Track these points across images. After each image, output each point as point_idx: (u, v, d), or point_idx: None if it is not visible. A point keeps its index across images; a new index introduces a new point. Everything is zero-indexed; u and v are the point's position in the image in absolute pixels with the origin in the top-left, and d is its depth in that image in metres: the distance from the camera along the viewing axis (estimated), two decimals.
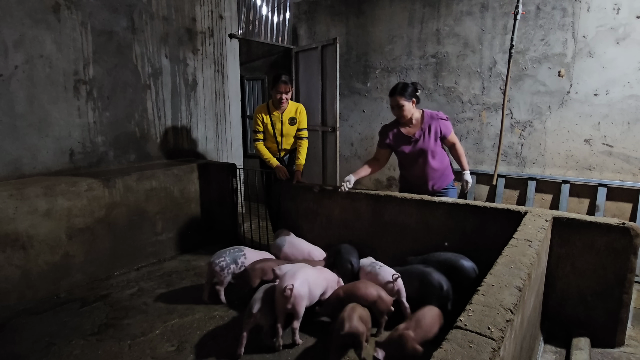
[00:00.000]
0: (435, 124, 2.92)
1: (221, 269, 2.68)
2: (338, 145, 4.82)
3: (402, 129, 3.00)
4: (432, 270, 2.42)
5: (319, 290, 2.37)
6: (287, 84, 3.36)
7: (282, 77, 3.36)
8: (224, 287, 2.72)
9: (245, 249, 2.84)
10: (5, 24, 2.90)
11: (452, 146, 3.01)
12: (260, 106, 3.57)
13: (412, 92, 2.88)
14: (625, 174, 3.72)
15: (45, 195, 2.82)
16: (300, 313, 2.21)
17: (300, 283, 2.20)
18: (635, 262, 2.18)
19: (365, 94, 5.19)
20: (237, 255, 2.76)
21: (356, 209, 3.17)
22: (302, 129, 3.60)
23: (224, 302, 2.72)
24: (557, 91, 3.94)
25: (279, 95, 3.38)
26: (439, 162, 2.98)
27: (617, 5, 3.59)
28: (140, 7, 3.75)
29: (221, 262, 2.70)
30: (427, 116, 2.95)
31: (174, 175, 3.65)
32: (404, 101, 2.86)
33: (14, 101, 2.98)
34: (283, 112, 3.50)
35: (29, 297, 2.77)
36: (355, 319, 2.02)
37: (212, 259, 2.73)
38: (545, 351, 2.25)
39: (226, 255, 2.74)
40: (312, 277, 2.33)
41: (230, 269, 2.70)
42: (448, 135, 2.95)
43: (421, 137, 2.92)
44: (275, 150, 3.61)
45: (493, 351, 1.11)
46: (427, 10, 4.57)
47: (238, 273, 2.71)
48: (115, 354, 2.21)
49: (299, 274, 2.25)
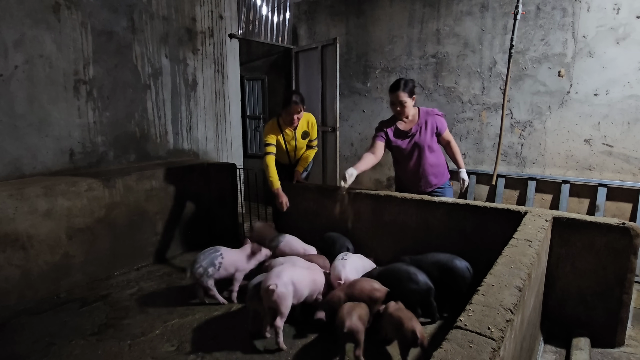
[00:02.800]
0: (432, 119, 2.94)
1: (200, 275, 2.62)
2: (338, 145, 4.83)
3: (399, 125, 3.01)
4: (415, 270, 2.43)
5: (307, 290, 2.33)
6: (298, 104, 3.18)
7: (294, 98, 3.18)
8: (212, 289, 2.66)
9: (221, 248, 2.75)
10: (5, 24, 2.90)
11: (447, 144, 3.03)
12: (271, 126, 3.33)
13: (412, 89, 2.90)
14: (625, 174, 3.72)
15: (45, 195, 2.82)
16: (284, 312, 2.19)
17: (284, 282, 2.18)
18: (635, 262, 2.18)
19: (365, 94, 5.19)
20: (214, 256, 2.67)
21: (356, 209, 3.17)
22: (314, 140, 3.54)
23: (224, 302, 2.71)
24: (557, 91, 3.94)
25: (291, 117, 3.21)
26: (436, 158, 2.99)
27: (617, 5, 3.59)
28: (140, 7, 3.75)
29: (198, 269, 2.62)
30: (422, 112, 2.98)
31: (174, 175, 3.65)
32: (406, 98, 2.87)
33: (14, 101, 2.98)
34: (296, 129, 3.38)
35: (29, 297, 2.77)
36: (355, 317, 2.03)
37: (191, 267, 2.67)
38: (545, 351, 2.25)
39: (201, 260, 2.64)
40: (300, 277, 2.29)
41: (209, 272, 2.62)
42: (443, 132, 2.97)
43: (418, 132, 2.93)
44: (286, 162, 3.58)
45: (493, 351, 1.11)
46: (427, 10, 4.57)
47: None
48: (115, 354, 2.21)
49: (284, 273, 2.23)
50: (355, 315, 2.05)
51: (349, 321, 2.00)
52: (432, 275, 2.41)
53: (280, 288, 2.15)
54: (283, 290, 2.16)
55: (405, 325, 1.95)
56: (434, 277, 2.41)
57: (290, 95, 3.22)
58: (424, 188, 3.03)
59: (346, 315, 2.05)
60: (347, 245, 3.01)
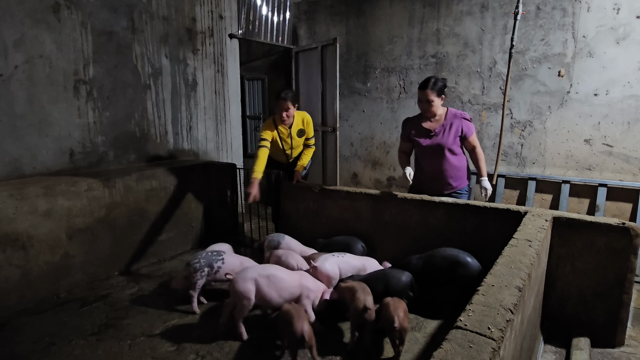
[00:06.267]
0: (458, 122, 2.90)
1: (194, 270, 2.55)
2: (338, 145, 4.82)
3: (423, 124, 2.98)
4: (399, 271, 2.46)
5: (273, 293, 2.25)
6: (286, 100, 3.20)
7: (282, 95, 3.21)
8: (196, 292, 2.58)
9: (224, 253, 2.69)
10: (5, 24, 2.90)
11: (473, 150, 2.97)
12: (267, 123, 3.39)
13: (442, 88, 2.86)
14: (625, 174, 3.72)
15: (45, 195, 2.82)
16: (240, 308, 2.22)
17: (244, 279, 2.19)
18: (635, 262, 2.19)
19: (365, 94, 5.19)
20: (215, 259, 2.61)
21: (356, 209, 3.17)
22: (310, 138, 3.55)
23: (197, 311, 2.59)
24: (557, 91, 3.94)
25: (280, 113, 3.25)
26: (458, 161, 2.95)
27: (617, 5, 3.59)
28: (140, 7, 3.75)
29: (195, 263, 2.56)
30: (450, 114, 2.94)
31: (174, 175, 3.65)
32: (434, 96, 2.83)
33: (14, 101, 2.98)
34: (290, 127, 3.40)
35: (29, 297, 2.77)
36: (402, 315, 2.00)
37: (189, 261, 2.64)
38: (545, 351, 2.25)
39: (201, 257, 2.60)
40: (269, 279, 2.25)
41: (204, 272, 2.56)
42: (469, 136, 2.92)
43: (441, 132, 2.90)
44: (284, 161, 3.59)
45: (493, 351, 1.11)
46: (427, 10, 4.57)
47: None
48: (115, 354, 2.21)
49: (248, 272, 2.25)
50: (402, 313, 2.01)
51: (398, 320, 1.97)
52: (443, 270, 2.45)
53: (239, 283, 2.21)
54: (241, 286, 2.21)
55: (295, 326, 1.93)
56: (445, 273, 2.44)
57: (280, 91, 3.27)
58: (441, 190, 2.97)
59: (394, 312, 2.00)
60: (359, 247, 2.95)
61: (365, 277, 2.52)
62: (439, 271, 2.46)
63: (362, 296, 2.11)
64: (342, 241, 3.00)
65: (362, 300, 2.08)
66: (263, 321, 2.48)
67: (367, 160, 5.29)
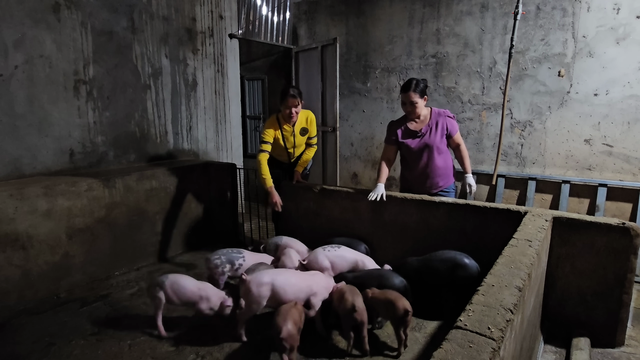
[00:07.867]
0: (443, 120, 2.92)
1: (215, 266, 2.69)
2: (338, 145, 4.83)
3: (409, 125, 2.99)
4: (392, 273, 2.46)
5: (290, 297, 2.25)
6: (295, 97, 3.18)
7: (291, 91, 3.17)
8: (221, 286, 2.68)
9: (244, 251, 2.81)
10: (5, 24, 2.90)
11: (457, 147, 2.99)
12: (270, 121, 3.36)
13: (424, 89, 2.87)
14: (625, 174, 3.72)
15: (45, 195, 2.82)
16: (246, 311, 2.25)
17: (259, 283, 2.21)
18: (635, 262, 2.19)
19: (365, 94, 5.19)
20: (235, 256, 2.74)
21: (356, 209, 3.17)
22: (313, 137, 3.52)
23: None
24: (557, 91, 3.94)
25: (288, 110, 3.20)
26: (444, 160, 2.98)
27: (617, 5, 3.58)
28: (140, 7, 3.75)
29: (215, 259, 2.70)
30: (434, 113, 2.96)
31: (174, 175, 3.65)
32: (417, 98, 2.84)
33: (14, 101, 2.98)
34: (294, 125, 3.37)
35: (29, 297, 2.77)
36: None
37: (209, 256, 2.77)
38: (545, 351, 2.25)
39: (222, 254, 2.73)
40: (284, 286, 2.24)
41: (226, 268, 2.69)
42: (454, 134, 2.94)
43: (428, 132, 2.92)
44: (285, 160, 3.57)
45: (493, 351, 1.11)
46: (427, 10, 4.57)
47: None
48: (115, 354, 2.21)
49: (264, 276, 2.25)
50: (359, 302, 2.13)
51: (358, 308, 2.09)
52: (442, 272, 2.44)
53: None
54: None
55: (277, 324, 1.97)
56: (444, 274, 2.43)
57: (287, 88, 3.23)
58: (429, 189, 3.00)
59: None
60: (361, 248, 2.97)
61: (360, 275, 2.54)
62: (438, 274, 2.45)
63: (351, 297, 2.14)
64: (344, 243, 2.99)
65: (350, 300, 2.11)
66: (263, 321, 2.48)
67: (367, 160, 5.29)
